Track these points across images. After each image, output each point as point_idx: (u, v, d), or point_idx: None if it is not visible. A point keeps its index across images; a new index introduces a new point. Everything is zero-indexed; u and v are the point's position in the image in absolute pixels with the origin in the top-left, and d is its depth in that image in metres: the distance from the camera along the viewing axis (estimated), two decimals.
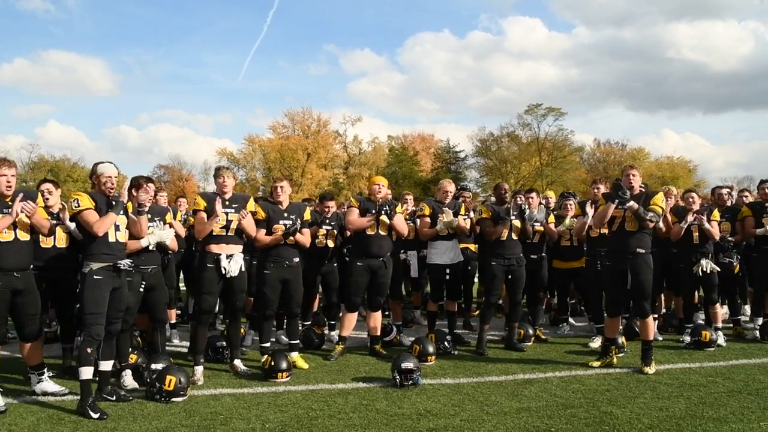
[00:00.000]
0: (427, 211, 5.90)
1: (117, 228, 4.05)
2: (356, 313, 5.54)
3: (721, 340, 5.89)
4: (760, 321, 6.24)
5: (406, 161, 46.41)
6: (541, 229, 6.08)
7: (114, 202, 3.99)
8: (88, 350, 3.85)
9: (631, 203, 4.79)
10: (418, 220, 6.07)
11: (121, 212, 4.07)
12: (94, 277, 3.90)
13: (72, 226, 4.38)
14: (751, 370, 4.96)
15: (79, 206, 3.91)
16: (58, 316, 5.08)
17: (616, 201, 4.81)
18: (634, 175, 4.97)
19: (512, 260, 5.64)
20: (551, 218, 6.34)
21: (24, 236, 4.00)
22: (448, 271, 5.84)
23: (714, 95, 64.58)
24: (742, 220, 6.32)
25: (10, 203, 3.86)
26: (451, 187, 6.05)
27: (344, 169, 45.94)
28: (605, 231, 5.46)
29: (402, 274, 6.33)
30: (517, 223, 5.60)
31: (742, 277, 6.58)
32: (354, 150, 46.83)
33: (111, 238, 4.00)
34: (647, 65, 63.11)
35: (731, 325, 6.53)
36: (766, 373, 4.85)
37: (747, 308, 7.02)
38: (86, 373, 3.84)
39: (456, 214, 5.82)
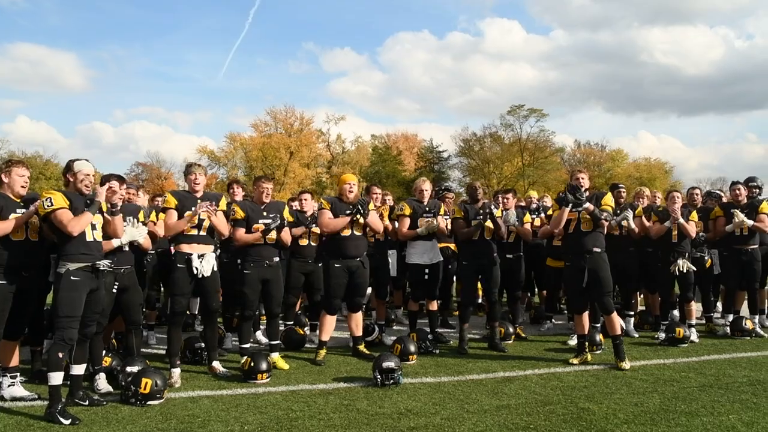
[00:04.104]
0: (407, 210, 5.90)
1: (93, 227, 3.92)
2: (336, 315, 5.47)
3: (693, 336, 6.04)
4: (731, 317, 6.43)
5: (389, 161, 46.43)
6: (514, 229, 6.14)
7: (89, 201, 3.86)
8: (60, 354, 3.71)
9: (587, 204, 4.99)
10: (396, 221, 6.07)
11: (97, 211, 3.95)
12: (72, 278, 3.75)
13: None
14: (721, 365, 5.10)
15: (52, 205, 3.74)
16: None
17: (570, 204, 5.00)
18: (583, 178, 5.25)
19: (484, 260, 5.68)
20: (527, 218, 6.42)
21: (34, 237, 4.09)
22: (427, 271, 5.86)
23: (687, 99, 66.36)
24: (715, 219, 6.50)
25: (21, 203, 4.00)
26: (425, 186, 6.04)
27: (327, 168, 45.77)
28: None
29: (388, 274, 6.32)
30: (488, 224, 5.65)
31: (713, 275, 6.75)
32: (337, 149, 46.71)
33: (88, 237, 3.87)
34: (623, 68, 64.46)
35: (704, 321, 6.71)
36: (735, 367, 4.99)
37: (719, 305, 7.21)
38: (56, 378, 3.70)
39: (436, 214, 5.85)
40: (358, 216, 5.21)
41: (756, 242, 6.33)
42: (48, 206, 3.76)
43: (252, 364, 4.57)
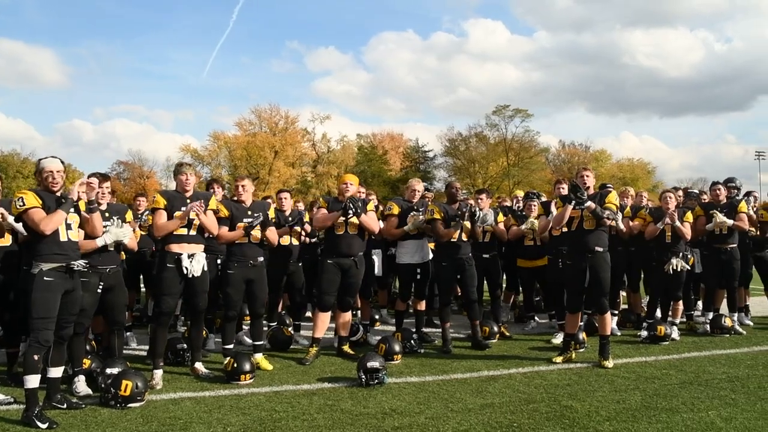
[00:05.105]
0: (395, 210, 5.90)
1: (69, 227, 3.81)
2: (329, 312, 5.42)
3: (675, 334, 6.13)
4: (711, 315, 6.54)
5: (375, 160, 46.44)
6: (491, 229, 6.17)
7: (63, 200, 3.75)
8: (35, 357, 3.60)
9: (589, 203, 4.94)
10: (382, 221, 6.05)
11: (72, 210, 3.83)
12: (45, 278, 3.64)
13: (17, 225, 4.12)
14: (701, 362, 5.19)
15: (24, 205, 3.65)
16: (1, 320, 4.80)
17: (573, 202, 4.95)
18: (587, 176, 5.17)
19: (462, 260, 5.70)
20: (501, 218, 6.46)
21: (5, 240, 4.03)
22: (418, 270, 5.86)
23: (669, 100, 67.78)
24: (696, 219, 6.61)
25: None
26: (419, 186, 6.09)
27: (313, 167, 45.57)
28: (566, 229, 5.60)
29: (373, 274, 6.30)
30: (466, 224, 5.65)
31: (695, 274, 6.87)
32: (323, 148, 46.52)
33: (62, 237, 3.75)
34: (606, 70, 65.60)
35: (684, 319, 6.82)
36: (714, 364, 5.08)
37: (699, 303, 7.34)
38: (32, 381, 3.60)
39: (424, 212, 5.84)
40: (351, 215, 5.16)
41: (735, 241, 6.45)
42: (20, 206, 3.67)
43: (235, 364, 4.52)
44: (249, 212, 5.01)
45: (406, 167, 48.06)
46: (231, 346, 5.00)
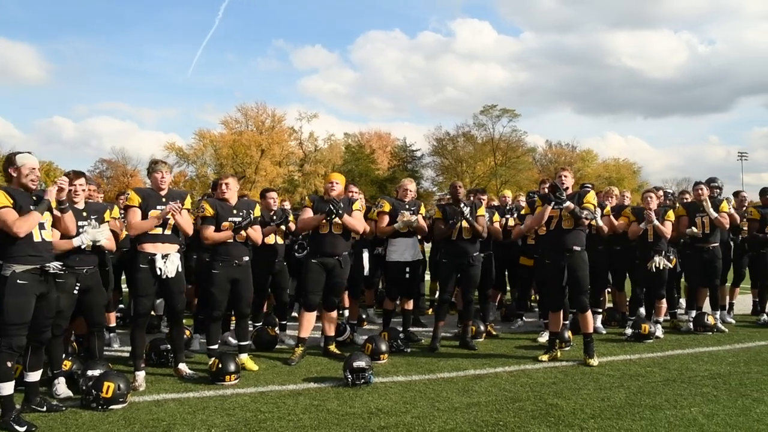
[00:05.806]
0: (386, 207, 5.88)
1: (42, 226, 3.65)
2: (315, 312, 5.38)
3: (659, 332, 6.21)
4: (694, 314, 6.64)
5: (362, 159, 46.38)
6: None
7: (36, 199, 3.60)
8: (8, 364, 3.49)
9: (568, 203, 5.01)
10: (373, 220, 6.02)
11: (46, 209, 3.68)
12: (18, 282, 3.47)
13: None
14: (684, 359, 5.26)
15: None
16: None
17: (553, 202, 5.00)
18: (566, 176, 5.24)
19: (463, 259, 5.68)
20: (496, 218, 6.48)
21: None
22: (408, 269, 5.85)
23: (653, 101, 68.92)
24: (678, 218, 6.70)
25: None
26: (411, 186, 6.07)
27: (299, 166, 45.36)
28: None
29: (362, 273, 6.27)
30: (464, 223, 5.64)
31: (678, 273, 6.97)
32: (310, 147, 46.32)
33: (36, 238, 3.59)
34: (591, 71, 66.48)
35: (668, 317, 6.91)
36: (697, 362, 5.16)
37: (682, 302, 7.45)
38: (6, 388, 3.49)
39: (416, 212, 5.84)
40: (334, 216, 5.12)
41: (716, 240, 6.56)
42: None
43: (220, 365, 4.46)
44: (234, 211, 4.95)
45: (393, 166, 48.09)
46: (216, 347, 4.94)
